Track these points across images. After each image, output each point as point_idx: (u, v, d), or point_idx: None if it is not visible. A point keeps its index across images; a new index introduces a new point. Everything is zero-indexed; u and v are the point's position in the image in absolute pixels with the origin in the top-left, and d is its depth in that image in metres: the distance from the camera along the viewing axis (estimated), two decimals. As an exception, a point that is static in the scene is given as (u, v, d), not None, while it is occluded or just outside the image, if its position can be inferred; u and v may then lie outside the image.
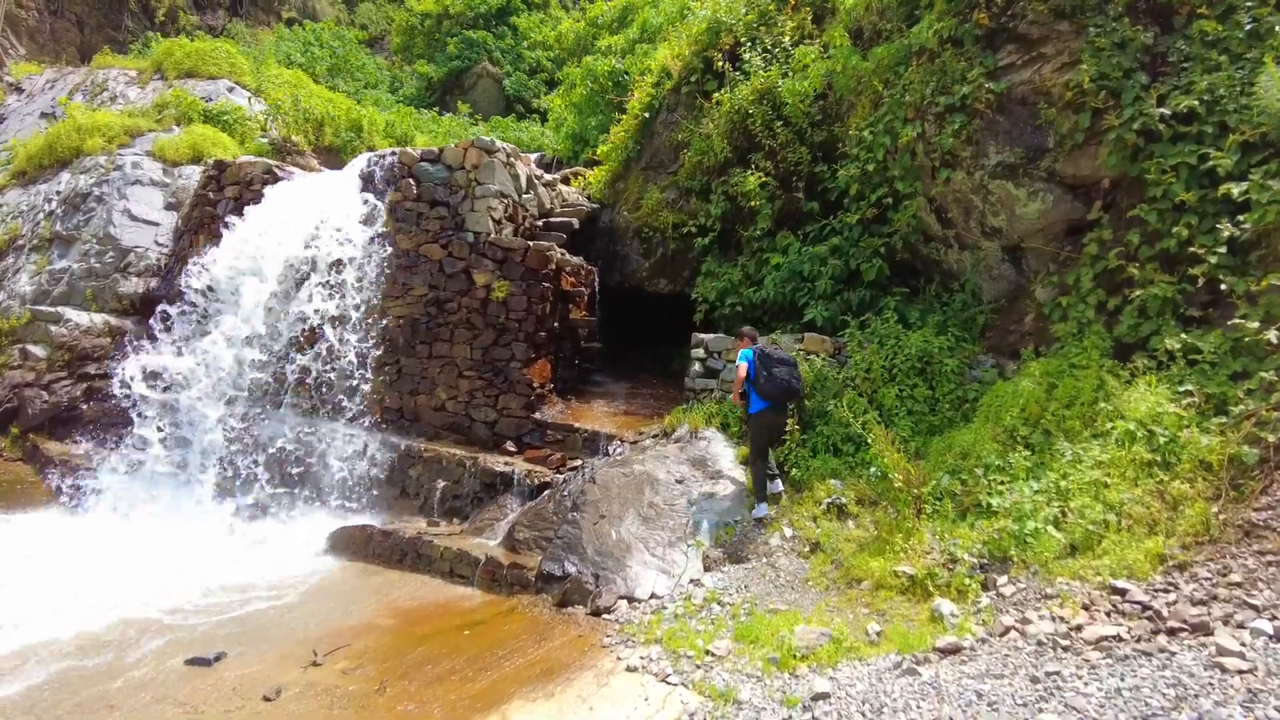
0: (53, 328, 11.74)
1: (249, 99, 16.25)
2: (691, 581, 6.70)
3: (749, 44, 11.37)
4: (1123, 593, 4.87)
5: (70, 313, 11.88)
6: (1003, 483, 6.46)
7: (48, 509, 9.28)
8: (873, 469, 7.05)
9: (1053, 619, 4.89)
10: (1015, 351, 8.14)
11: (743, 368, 7.46)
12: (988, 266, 8.78)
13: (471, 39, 25.81)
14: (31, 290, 12.33)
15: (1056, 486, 6.12)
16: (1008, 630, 4.96)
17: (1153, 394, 6.21)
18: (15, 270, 12.68)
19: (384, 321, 10.48)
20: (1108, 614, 4.75)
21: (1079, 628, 4.65)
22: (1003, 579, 5.64)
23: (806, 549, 6.84)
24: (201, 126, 14.20)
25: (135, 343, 10.90)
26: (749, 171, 10.39)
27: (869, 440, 6.95)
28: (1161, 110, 6.96)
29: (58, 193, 13.25)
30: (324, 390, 10.32)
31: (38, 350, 11.65)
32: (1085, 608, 4.89)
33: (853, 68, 9.53)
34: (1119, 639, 4.42)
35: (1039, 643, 4.66)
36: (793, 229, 10.21)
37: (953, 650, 4.90)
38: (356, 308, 10.51)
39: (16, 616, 6.44)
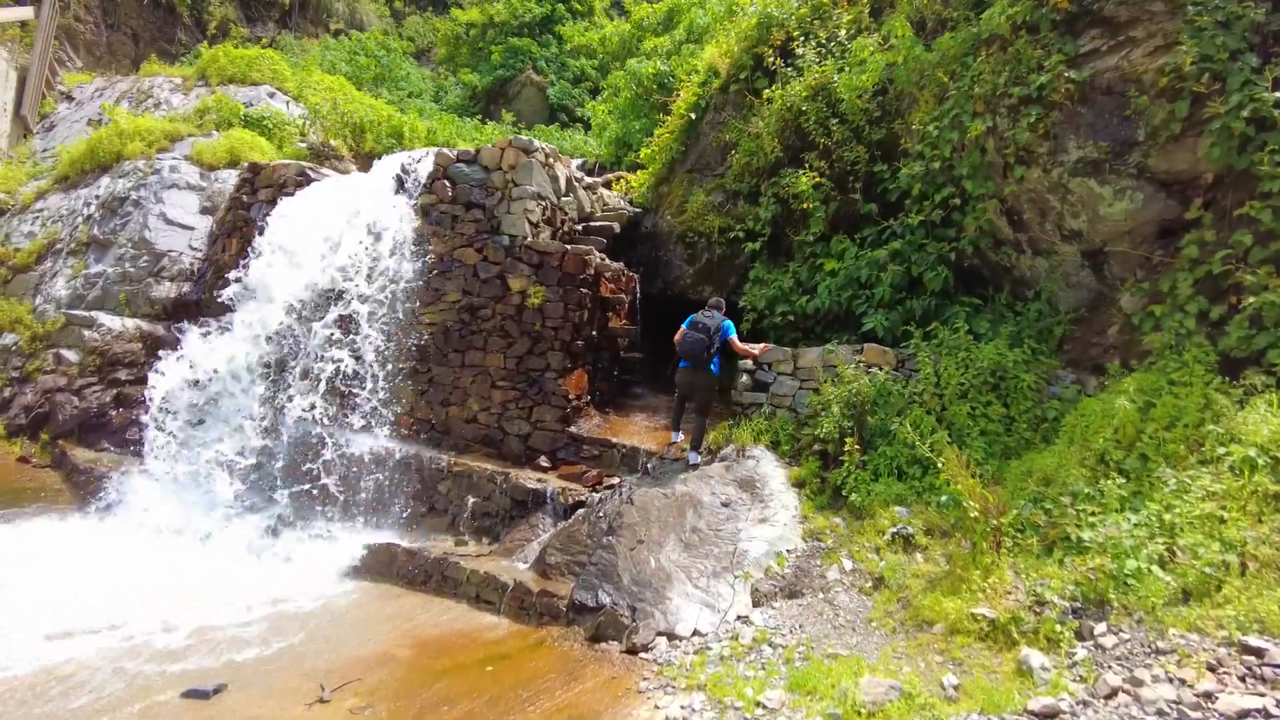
0: (86, 332, 11.56)
1: (287, 103, 16.11)
2: (739, 618, 6.02)
3: (802, 38, 10.74)
4: (1259, 652, 4.08)
5: (103, 317, 11.69)
6: (1094, 514, 5.69)
7: (68, 517, 8.96)
8: (944, 496, 6.30)
9: (1171, 681, 4.12)
10: (1098, 366, 7.36)
11: (679, 333, 8.42)
12: (1065, 273, 8.00)
13: (516, 48, 25.61)
14: (67, 294, 12.20)
15: (1160, 519, 5.34)
16: (1115, 692, 4.20)
17: (1275, 415, 5.40)
18: (52, 274, 12.58)
19: (416, 329, 10.03)
20: (1242, 679, 3.97)
21: (1209, 695, 3.87)
22: (1101, 627, 4.87)
23: (869, 584, 6.11)
24: (240, 131, 14.04)
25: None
26: (801, 172, 9.73)
27: (939, 464, 6.21)
28: (1278, 94, 6.15)
29: (97, 197, 13.15)
30: (353, 400, 9.88)
31: (70, 355, 11.48)
32: (1211, 669, 4.11)
33: (915, 59, 8.83)
34: (1268, 715, 3.64)
35: (1160, 711, 3.89)
36: (849, 233, 9.51)
37: (1050, 714, 4.15)
38: (387, 314, 10.08)
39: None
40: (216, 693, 5.31)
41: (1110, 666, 4.51)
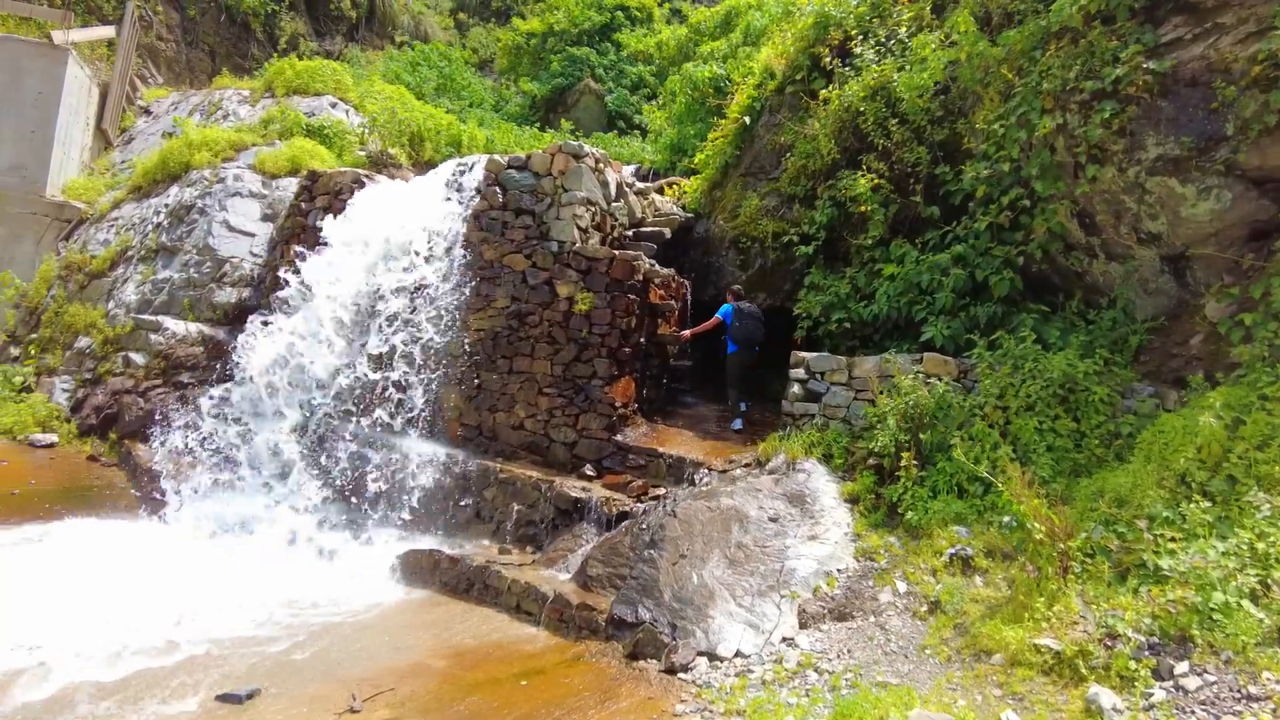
0: (152, 336, 11.89)
1: (347, 113, 16.42)
2: (784, 640, 5.73)
3: (860, 37, 10.40)
4: (1367, 704, 3.64)
5: (169, 322, 12.01)
6: (1174, 539, 5.22)
7: (124, 517, 9.13)
8: (1006, 516, 5.89)
9: (1264, 732, 3.70)
10: (1179, 379, 6.83)
11: (717, 320, 9.92)
12: (1142, 279, 7.50)
13: (575, 56, 25.69)
14: (136, 299, 12.60)
15: (1251, 548, 4.87)
16: (1198, 741, 3.80)
17: (1385, 436, 4.87)
18: (124, 280, 13.01)
19: (465, 335, 10.01)
20: (1348, 733, 3.53)
21: (1308, 751, 3.46)
22: (1182, 666, 4.44)
23: (923, 608, 5.74)
24: (301, 140, 14.32)
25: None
26: (860, 174, 9.38)
27: (999, 483, 5.80)
28: (1387, 81, 5.61)
29: (166, 205, 13.57)
30: (401, 404, 9.90)
31: (138, 358, 11.83)
32: (1311, 720, 3.68)
33: (980, 55, 8.39)
34: (1378, 778, 3.22)
35: (1250, 768, 3.49)
36: (909, 237, 9.11)
37: (1122, 762, 3.78)
38: (437, 320, 10.09)
39: (46, 637, 6.08)
40: (250, 698, 5.27)
41: (1193, 712, 4.10)
